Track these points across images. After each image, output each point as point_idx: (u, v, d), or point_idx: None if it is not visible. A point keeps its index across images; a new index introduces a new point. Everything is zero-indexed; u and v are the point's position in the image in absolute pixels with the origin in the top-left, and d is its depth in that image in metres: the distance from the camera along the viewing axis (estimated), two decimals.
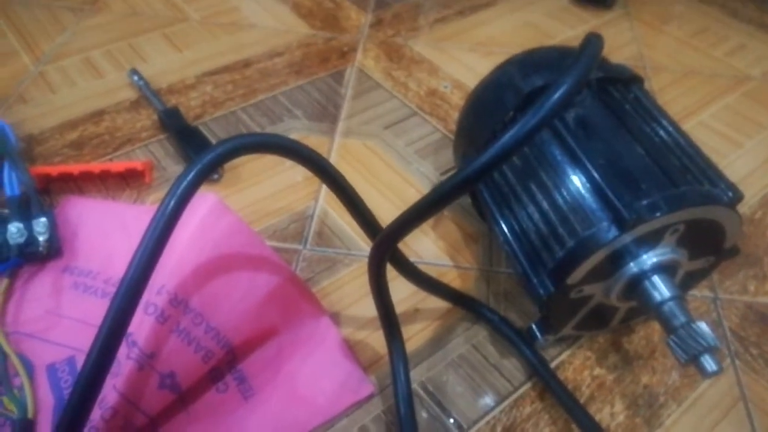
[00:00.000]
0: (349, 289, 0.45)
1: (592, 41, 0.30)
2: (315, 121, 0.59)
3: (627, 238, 0.34)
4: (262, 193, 0.52)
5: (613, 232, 0.33)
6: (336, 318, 0.43)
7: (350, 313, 0.44)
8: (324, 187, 0.52)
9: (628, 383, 0.41)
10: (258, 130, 0.57)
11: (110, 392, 0.34)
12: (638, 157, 0.36)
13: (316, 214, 0.50)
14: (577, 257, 0.34)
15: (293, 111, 0.60)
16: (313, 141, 0.57)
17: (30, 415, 0.36)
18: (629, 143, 0.37)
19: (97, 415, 0.33)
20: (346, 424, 0.38)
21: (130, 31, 0.68)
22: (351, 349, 0.41)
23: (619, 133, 0.37)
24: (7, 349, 0.39)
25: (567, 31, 0.74)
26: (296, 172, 0.53)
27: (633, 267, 0.35)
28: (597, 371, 0.42)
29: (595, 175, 0.35)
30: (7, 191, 0.45)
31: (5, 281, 0.42)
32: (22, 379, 0.37)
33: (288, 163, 0.52)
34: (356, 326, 0.43)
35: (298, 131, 0.57)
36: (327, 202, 0.51)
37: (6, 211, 0.44)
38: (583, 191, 0.36)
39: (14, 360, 0.38)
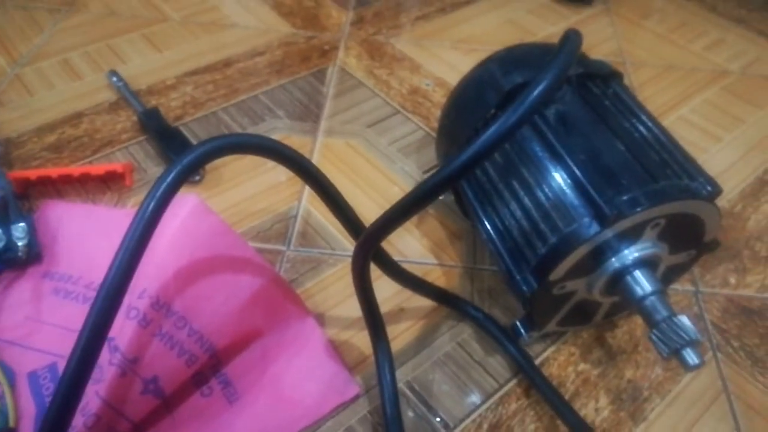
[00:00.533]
0: (333, 290, 0.45)
1: (571, 37, 0.30)
2: (297, 121, 0.58)
3: (608, 233, 0.34)
4: (245, 194, 0.51)
5: (595, 227, 0.34)
6: (321, 319, 0.43)
7: (335, 314, 0.44)
8: (307, 187, 0.52)
9: (612, 378, 0.41)
10: (239, 130, 0.57)
11: (93, 399, 0.33)
12: (618, 152, 0.36)
13: (299, 214, 0.50)
14: (560, 253, 0.35)
15: (275, 111, 0.59)
16: (296, 141, 0.56)
17: (11, 423, 0.36)
18: (609, 139, 0.37)
19: (80, 422, 0.33)
20: (332, 425, 0.38)
21: (108, 32, 0.67)
22: (336, 349, 0.41)
23: (599, 129, 0.38)
24: None
25: (548, 27, 0.74)
26: (279, 173, 0.53)
27: (615, 262, 0.36)
28: (581, 367, 0.42)
29: (576, 171, 0.35)
30: None
31: None
32: (3, 387, 0.37)
33: (270, 163, 0.52)
34: (341, 327, 0.43)
35: (280, 131, 0.57)
36: (310, 202, 0.51)
37: None
38: (564, 187, 0.36)
39: None
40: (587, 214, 0.34)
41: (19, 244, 0.43)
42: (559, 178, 0.37)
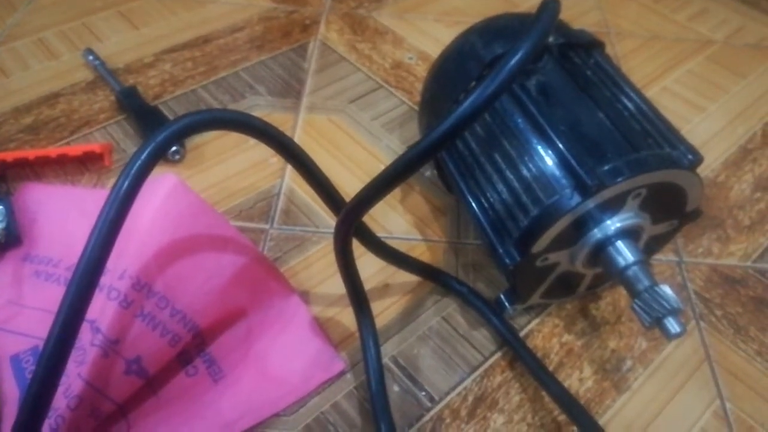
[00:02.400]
0: (318, 267, 0.45)
1: (549, 5, 0.29)
2: (278, 97, 0.58)
3: (590, 204, 0.34)
4: (226, 172, 0.51)
5: (576, 198, 0.34)
6: (305, 296, 0.43)
7: (320, 291, 0.44)
8: (289, 165, 0.51)
9: (595, 349, 0.42)
10: (220, 107, 0.56)
11: (75, 380, 0.33)
12: (599, 122, 0.36)
13: (282, 192, 0.50)
14: (542, 225, 0.34)
15: (256, 87, 0.58)
16: (277, 117, 0.56)
17: None
18: (590, 109, 0.37)
19: (63, 403, 0.33)
20: (319, 401, 0.38)
21: (83, 10, 0.66)
22: (321, 326, 0.41)
23: (580, 99, 0.37)
24: None
25: None
26: (261, 150, 0.52)
27: (597, 233, 0.36)
28: (565, 338, 0.42)
29: (557, 142, 0.35)
30: None
31: None
32: None
33: (252, 141, 0.52)
34: (326, 304, 0.43)
35: (262, 108, 0.56)
36: (293, 179, 0.50)
37: None
38: (545, 159, 0.36)
39: None
40: (569, 185, 0.34)
41: None
42: (540, 149, 0.36)
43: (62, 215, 0.45)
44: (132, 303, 0.35)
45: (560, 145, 0.35)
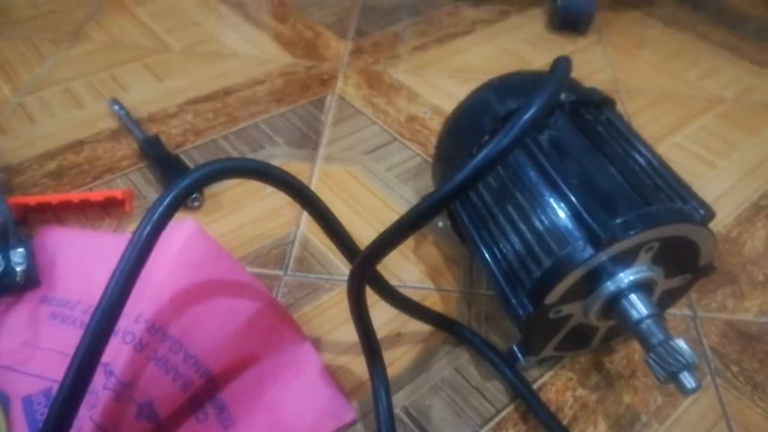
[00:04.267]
0: (330, 315, 0.45)
1: (561, 64, 0.30)
2: (296, 148, 0.59)
3: (603, 256, 0.34)
4: (243, 219, 0.52)
5: (589, 251, 0.34)
6: (317, 344, 0.43)
7: (332, 339, 0.44)
8: (305, 213, 0.52)
9: (610, 403, 0.41)
10: (239, 157, 0.57)
11: (87, 423, 0.33)
12: (611, 177, 0.37)
13: (297, 239, 0.50)
14: (554, 277, 0.35)
15: (274, 138, 0.60)
16: (295, 167, 0.57)
17: None
18: (602, 164, 0.37)
19: None
20: None
21: (111, 62, 0.69)
22: (333, 374, 0.41)
23: (592, 154, 0.38)
24: None
25: (544, 56, 0.76)
26: (277, 199, 0.53)
27: (610, 285, 0.36)
28: (579, 392, 0.42)
29: (570, 195, 0.36)
30: None
31: None
32: None
33: (269, 189, 0.53)
34: (338, 351, 0.43)
35: (279, 158, 0.58)
36: (308, 227, 0.51)
37: None
38: (558, 211, 0.36)
39: None
40: (581, 238, 0.35)
41: (18, 269, 0.43)
42: (553, 202, 0.37)
43: (81, 258, 0.46)
44: (146, 346, 0.35)
45: (572, 198, 0.36)
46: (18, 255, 0.43)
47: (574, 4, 0.79)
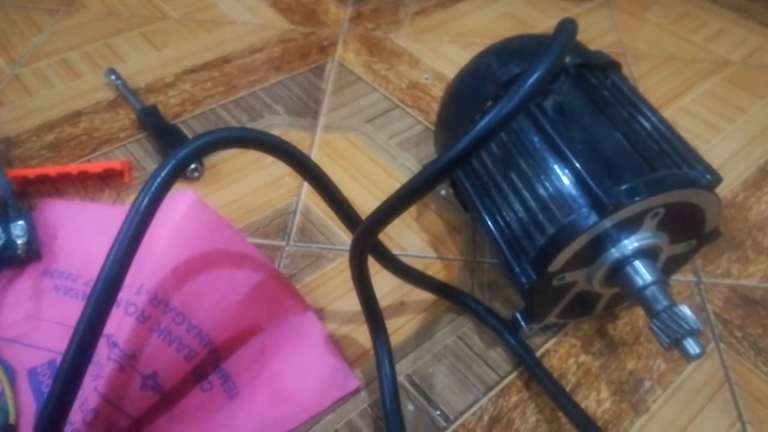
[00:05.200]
0: (333, 285, 0.45)
1: (566, 26, 0.30)
2: (296, 117, 0.58)
3: (607, 223, 0.34)
4: (244, 190, 0.51)
5: (593, 217, 0.33)
6: (320, 313, 0.43)
7: (335, 309, 0.44)
8: (306, 183, 0.52)
9: (613, 369, 0.41)
10: (238, 126, 0.57)
11: (91, 394, 0.33)
12: (616, 142, 0.36)
13: (298, 209, 0.50)
14: (558, 244, 0.34)
15: (273, 107, 0.59)
16: (295, 136, 0.56)
17: (11, 420, 0.36)
18: (607, 129, 0.37)
19: (78, 418, 0.33)
20: (333, 419, 0.38)
21: (107, 31, 0.68)
22: (336, 344, 0.41)
23: (598, 119, 0.37)
24: None
25: (547, 20, 0.74)
26: (278, 168, 0.53)
27: (614, 252, 0.35)
28: (582, 358, 0.42)
29: (574, 161, 0.35)
30: None
31: None
32: (3, 384, 0.37)
33: (269, 159, 0.52)
34: (341, 321, 0.43)
35: (279, 127, 0.57)
36: (309, 197, 0.51)
37: None
38: (562, 178, 0.36)
39: None
40: (586, 205, 0.34)
41: (19, 242, 0.43)
42: (557, 169, 0.36)
43: (82, 231, 0.45)
44: (149, 318, 0.35)
45: (577, 165, 0.35)
46: (18, 228, 0.43)
47: None
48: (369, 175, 0.53)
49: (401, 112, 0.60)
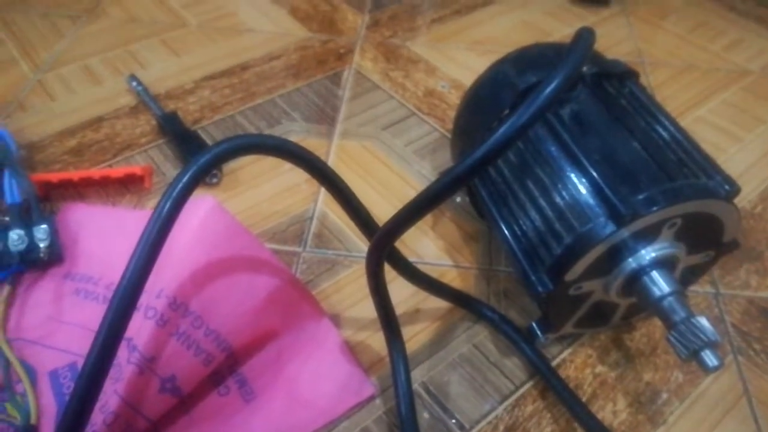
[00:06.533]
0: (349, 291, 0.45)
1: (583, 35, 0.30)
2: (313, 124, 0.59)
3: (624, 233, 0.34)
4: (261, 196, 0.52)
5: (610, 227, 0.33)
6: (336, 320, 0.43)
7: (351, 315, 0.44)
8: (323, 189, 0.52)
9: (630, 380, 0.41)
10: (257, 133, 0.57)
11: (112, 397, 0.34)
12: (634, 151, 0.36)
13: (315, 216, 0.50)
14: (575, 253, 0.34)
15: (291, 114, 0.60)
16: (312, 143, 0.57)
17: (33, 421, 0.36)
18: (625, 138, 0.37)
19: (99, 419, 0.33)
20: (348, 425, 0.38)
21: (128, 38, 0.69)
22: (352, 350, 0.41)
23: (615, 128, 0.37)
24: (10, 356, 0.39)
25: (565, 29, 0.74)
26: (295, 175, 0.53)
27: (631, 262, 0.35)
28: (599, 369, 0.41)
29: (591, 170, 0.35)
30: (8, 199, 0.46)
31: (7, 288, 0.43)
32: (25, 385, 0.38)
33: (286, 166, 0.53)
34: (357, 328, 0.43)
35: (297, 134, 0.58)
36: (326, 203, 0.51)
37: (7, 218, 0.44)
38: (579, 187, 0.36)
39: (17, 367, 0.38)
40: (603, 214, 0.34)
41: (41, 245, 0.43)
42: (574, 177, 0.36)
43: (103, 235, 0.46)
44: (168, 322, 0.36)
45: (594, 174, 0.35)
46: (41, 231, 0.44)
47: None
48: (385, 182, 0.53)
49: (417, 120, 0.60)
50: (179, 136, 0.55)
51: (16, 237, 0.43)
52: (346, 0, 0.77)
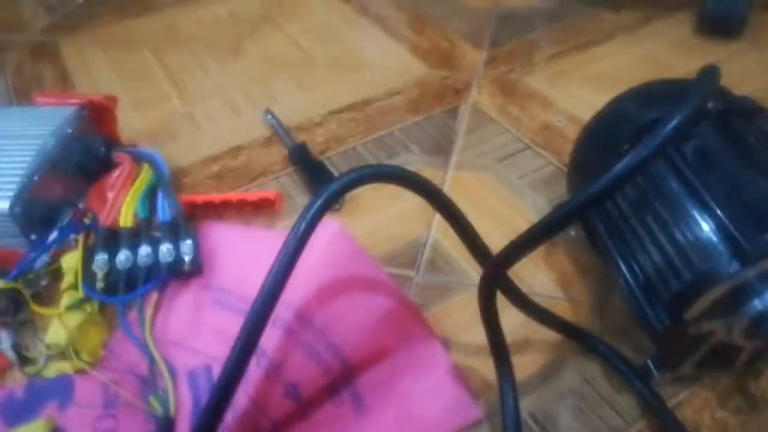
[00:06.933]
0: (459, 317, 0.47)
1: (708, 72, 0.30)
2: (429, 155, 0.61)
3: (749, 272, 0.33)
4: (379, 222, 0.55)
5: (735, 266, 0.33)
6: (446, 343, 0.45)
7: (460, 340, 0.45)
8: (437, 217, 0.54)
9: (752, 429, 0.39)
10: (378, 163, 0.60)
11: (241, 396, 0.37)
12: (761, 190, 0.35)
13: (428, 242, 0.52)
14: (695, 291, 0.34)
15: (409, 146, 0.63)
16: (428, 174, 0.58)
17: (171, 413, 0.41)
18: (752, 175, 0.36)
19: (229, 417, 0.37)
20: None
21: (264, 75, 0.75)
22: (461, 374, 0.43)
23: (741, 165, 0.36)
24: (155, 354, 0.44)
25: (690, 63, 0.72)
26: (410, 203, 0.55)
27: (757, 304, 0.34)
28: (719, 413, 0.40)
29: (715, 207, 0.35)
30: (160, 216, 0.52)
31: (156, 295, 0.48)
32: (166, 381, 0.42)
33: (403, 195, 0.55)
34: (466, 353, 0.44)
35: (413, 165, 0.60)
36: (439, 231, 0.53)
37: (158, 233, 0.50)
38: (701, 224, 0.35)
39: (160, 364, 0.43)
40: (727, 252, 0.33)
41: (186, 258, 0.49)
42: (696, 214, 0.36)
43: (238, 252, 0.51)
44: (294, 333, 0.39)
45: (718, 211, 0.35)
46: (186, 246, 0.49)
47: (725, 5, 0.74)
48: (498, 214, 0.54)
49: (533, 153, 0.61)
50: (307, 165, 0.59)
51: (165, 250, 0.49)
52: (465, 36, 0.80)
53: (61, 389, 0.43)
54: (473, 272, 0.49)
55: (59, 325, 0.44)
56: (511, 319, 0.44)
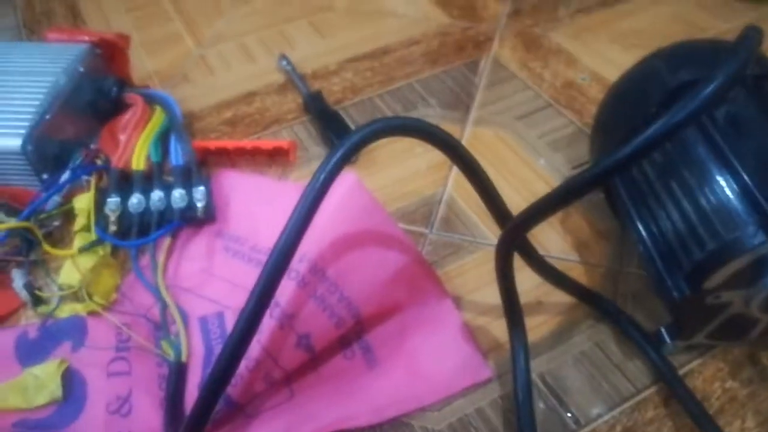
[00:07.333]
0: (472, 276, 0.46)
1: (750, 34, 0.28)
2: (448, 110, 0.60)
3: None
4: (394, 176, 0.54)
5: (760, 237, 0.32)
6: (458, 302, 0.45)
7: (472, 299, 0.45)
8: (452, 174, 0.53)
9: (763, 400, 0.39)
10: (400, 116, 0.59)
11: (254, 346, 0.37)
12: None
13: (443, 200, 0.52)
14: (717, 261, 0.33)
15: (427, 99, 0.61)
16: (446, 128, 0.57)
17: (183, 358, 0.41)
18: None
19: (242, 365, 0.37)
20: (464, 403, 0.39)
21: (280, 19, 0.73)
22: (472, 333, 0.43)
23: None
24: (168, 299, 0.44)
25: (720, 24, 0.69)
26: (427, 158, 0.55)
27: None
28: (729, 384, 0.40)
29: (744, 176, 0.34)
30: (173, 161, 0.51)
31: (168, 240, 0.48)
32: (179, 327, 0.42)
33: (419, 149, 0.55)
34: (477, 312, 0.44)
35: (431, 119, 0.59)
36: (455, 189, 0.52)
37: (171, 178, 0.50)
38: (729, 193, 0.34)
39: (173, 310, 0.43)
40: (753, 222, 0.33)
41: (198, 205, 0.48)
42: (723, 182, 0.35)
43: (251, 201, 0.50)
44: (308, 284, 0.39)
45: (747, 179, 0.34)
46: (199, 192, 0.49)
47: None
48: (516, 172, 0.54)
49: (554, 112, 0.59)
50: (322, 114, 0.58)
51: (177, 195, 0.48)
52: None
53: (74, 330, 0.43)
54: (487, 231, 0.49)
55: (72, 266, 0.44)
56: (525, 280, 0.44)
